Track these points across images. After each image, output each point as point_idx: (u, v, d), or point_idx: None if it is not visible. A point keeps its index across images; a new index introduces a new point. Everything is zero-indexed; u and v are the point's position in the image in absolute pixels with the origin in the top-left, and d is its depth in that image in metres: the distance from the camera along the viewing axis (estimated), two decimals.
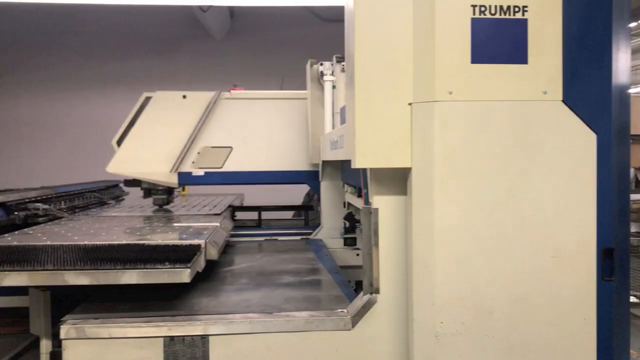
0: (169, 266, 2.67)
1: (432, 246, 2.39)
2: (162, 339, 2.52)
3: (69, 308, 2.86)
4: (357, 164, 2.45)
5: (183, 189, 6.09)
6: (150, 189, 5.39)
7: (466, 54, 2.37)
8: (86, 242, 3.18)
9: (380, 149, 2.43)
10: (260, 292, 3.15)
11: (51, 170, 9.67)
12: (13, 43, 10.19)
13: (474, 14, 2.37)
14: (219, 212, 4.94)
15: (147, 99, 5.33)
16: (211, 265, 3.94)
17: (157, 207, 5.37)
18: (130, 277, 2.65)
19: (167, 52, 10.22)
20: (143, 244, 3.15)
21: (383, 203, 2.55)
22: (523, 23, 2.38)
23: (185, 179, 5.32)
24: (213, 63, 10.12)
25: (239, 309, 2.76)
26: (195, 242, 3.20)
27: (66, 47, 10.22)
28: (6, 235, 3.68)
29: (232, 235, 5.25)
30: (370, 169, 2.57)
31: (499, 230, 2.40)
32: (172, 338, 2.53)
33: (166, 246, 3.11)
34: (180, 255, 2.84)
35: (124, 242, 3.23)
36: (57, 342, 3.44)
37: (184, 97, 5.36)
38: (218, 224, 4.09)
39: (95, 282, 2.67)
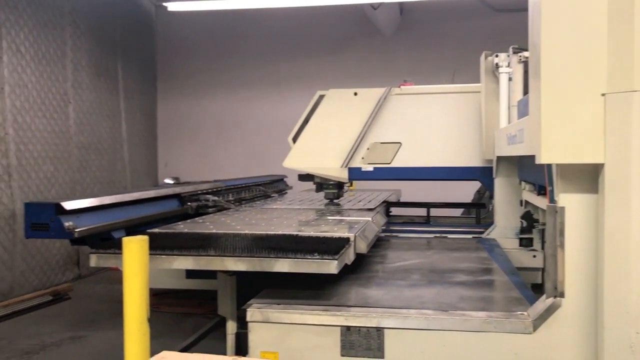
0: (317, 257, 2.75)
1: (627, 249, 2.19)
2: (339, 328, 2.60)
3: (252, 293, 3.07)
4: (542, 159, 2.31)
5: (351, 184, 6.21)
6: (322, 184, 5.58)
7: None
8: (246, 232, 3.40)
9: (568, 143, 2.27)
10: (433, 289, 3.12)
11: (233, 165, 10.43)
12: (199, 48, 11.13)
13: None
14: (372, 207, 4.99)
15: (321, 97, 5.52)
16: (382, 259, 4.00)
17: (326, 200, 5.54)
18: (282, 265, 2.77)
19: (338, 51, 10.49)
20: (295, 235, 3.30)
21: (570, 201, 2.39)
22: None
23: (355, 174, 5.42)
24: (383, 59, 10.19)
25: (414, 304, 2.75)
26: (345, 235, 3.27)
27: (245, 50, 10.91)
28: (179, 223, 4.06)
29: (401, 231, 5.27)
30: (557, 164, 2.42)
31: None
32: (348, 328, 2.59)
33: (317, 238, 3.23)
34: (330, 247, 2.92)
35: (279, 232, 3.40)
36: (239, 324, 3.72)
37: (355, 94, 5.46)
38: (370, 219, 4.14)
39: (251, 269, 2.84)
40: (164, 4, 9.44)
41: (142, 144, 10.72)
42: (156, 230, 3.59)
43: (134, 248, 2.39)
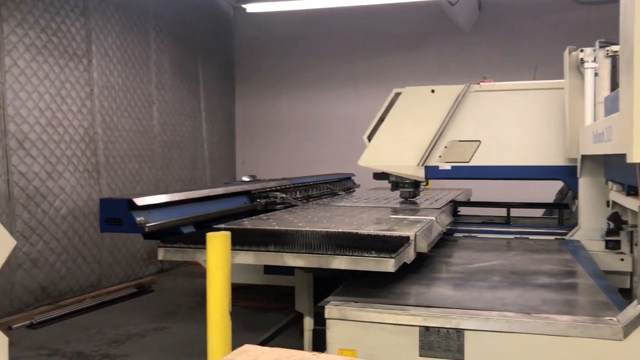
0: (374, 255, 2.74)
1: None
2: (417, 328, 2.58)
3: (328, 289, 3.10)
4: (634, 158, 2.20)
5: (427, 183, 6.16)
6: (397, 182, 5.55)
7: None
8: (307, 229, 3.44)
9: None
10: (515, 291, 3.03)
11: (309, 163, 10.52)
12: (276, 49, 11.29)
13: None
14: (438, 206, 4.92)
15: (397, 94, 5.47)
16: (461, 260, 3.93)
17: (391, 198, 5.50)
18: (340, 262, 2.79)
19: (414, 48, 10.37)
20: (355, 233, 3.31)
21: None
22: None
23: (432, 173, 5.34)
24: (461, 56, 9.98)
25: (495, 306, 2.69)
26: (405, 233, 3.24)
27: (322, 49, 10.96)
28: (244, 219, 4.16)
29: (480, 231, 5.15)
30: None
31: None
32: (427, 328, 2.57)
33: (377, 236, 3.23)
34: (388, 245, 2.91)
35: (339, 230, 3.41)
36: (315, 320, 3.76)
37: (432, 91, 5.38)
38: (433, 218, 4.08)
39: (309, 265, 2.89)
40: (242, 5, 9.67)
41: (221, 142, 11.01)
42: (221, 226, 3.70)
43: (217, 243, 2.47)
